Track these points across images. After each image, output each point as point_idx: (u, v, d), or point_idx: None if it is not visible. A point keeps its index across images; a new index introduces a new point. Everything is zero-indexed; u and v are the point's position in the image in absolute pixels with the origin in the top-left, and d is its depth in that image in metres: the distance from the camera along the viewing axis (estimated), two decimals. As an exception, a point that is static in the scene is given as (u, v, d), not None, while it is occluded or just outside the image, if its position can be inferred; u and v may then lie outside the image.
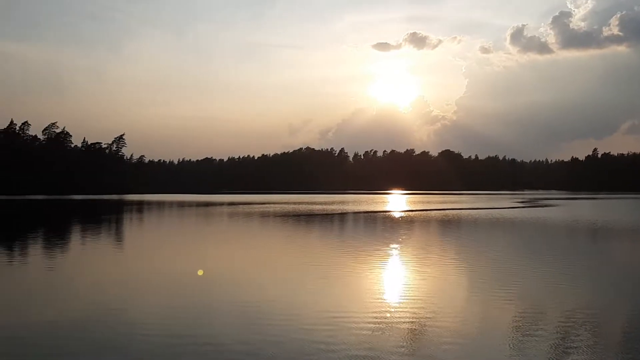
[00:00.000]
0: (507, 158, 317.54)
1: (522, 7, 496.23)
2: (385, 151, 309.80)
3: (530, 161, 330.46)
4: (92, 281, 19.74)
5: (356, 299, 16.79)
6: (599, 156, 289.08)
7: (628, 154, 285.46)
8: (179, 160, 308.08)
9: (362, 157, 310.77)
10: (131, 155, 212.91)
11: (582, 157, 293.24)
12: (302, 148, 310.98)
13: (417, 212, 68.74)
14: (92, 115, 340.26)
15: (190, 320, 14.05)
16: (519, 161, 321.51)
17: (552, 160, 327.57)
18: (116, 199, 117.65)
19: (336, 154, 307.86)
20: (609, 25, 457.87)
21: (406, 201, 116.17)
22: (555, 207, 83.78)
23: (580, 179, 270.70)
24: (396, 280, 20.97)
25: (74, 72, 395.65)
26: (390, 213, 67.95)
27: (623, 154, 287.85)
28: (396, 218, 58.16)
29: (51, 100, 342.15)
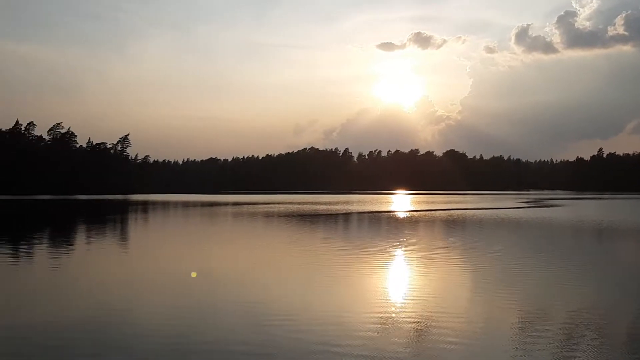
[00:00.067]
0: (512, 158, 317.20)
1: (527, 7, 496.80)
2: (389, 151, 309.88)
3: (535, 161, 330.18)
4: (97, 281, 19.79)
5: (361, 299, 16.77)
6: (605, 156, 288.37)
7: (634, 154, 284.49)
8: (184, 160, 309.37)
9: (367, 157, 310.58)
10: (136, 155, 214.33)
11: (588, 157, 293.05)
12: (307, 148, 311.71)
13: (422, 212, 68.65)
14: (97, 115, 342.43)
15: (195, 320, 14.06)
16: (524, 161, 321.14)
17: (557, 160, 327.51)
18: (121, 199, 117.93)
19: (340, 154, 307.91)
20: (615, 24, 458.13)
21: (410, 201, 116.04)
22: (560, 207, 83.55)
23: (585, 179, 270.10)
24: (401, 280, 20.95)
25: (79, 73, 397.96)
26: (394, 213, 67.88)
27: (629, 154, 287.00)
28: (400, 218, 58.09)
29: (56, 100, 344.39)
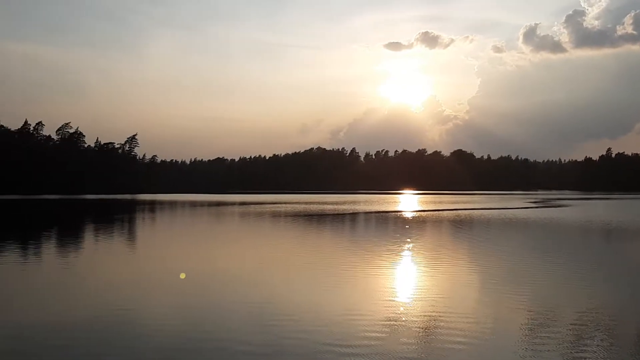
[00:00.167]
0: (520, 158, 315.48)
1: (535, 6, 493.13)
2: (396, 151, 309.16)
3: (543, 161, 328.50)
4: (104, 281, 19.84)
5: (367, 300, 16.73)
6: (613, 156, 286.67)
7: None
8: (191, 160, 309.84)
9: (374, 157, 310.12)
10: (144, 155, 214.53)
11: (596, 157, 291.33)
12: (314, 148, 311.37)
13: (429, 212, 68.50)
14: (105, 115, 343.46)
15: (200, 320, 14.07)
16: (532, 161, 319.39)
17: (566, 160, 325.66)
18: (129, 199, 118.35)
19: (347, 154, 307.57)
20: (623, 24, 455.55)
21: (418, 201, 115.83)
22: (568, 208, 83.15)
23: (594, 179, 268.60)
24: (408, 280, 20.89)
25: (87, 73, 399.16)
26: (401, 213, 67.76)
27: (637, 154, 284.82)
28: (408, 218, 57.97)
29: (65, 100, 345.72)
